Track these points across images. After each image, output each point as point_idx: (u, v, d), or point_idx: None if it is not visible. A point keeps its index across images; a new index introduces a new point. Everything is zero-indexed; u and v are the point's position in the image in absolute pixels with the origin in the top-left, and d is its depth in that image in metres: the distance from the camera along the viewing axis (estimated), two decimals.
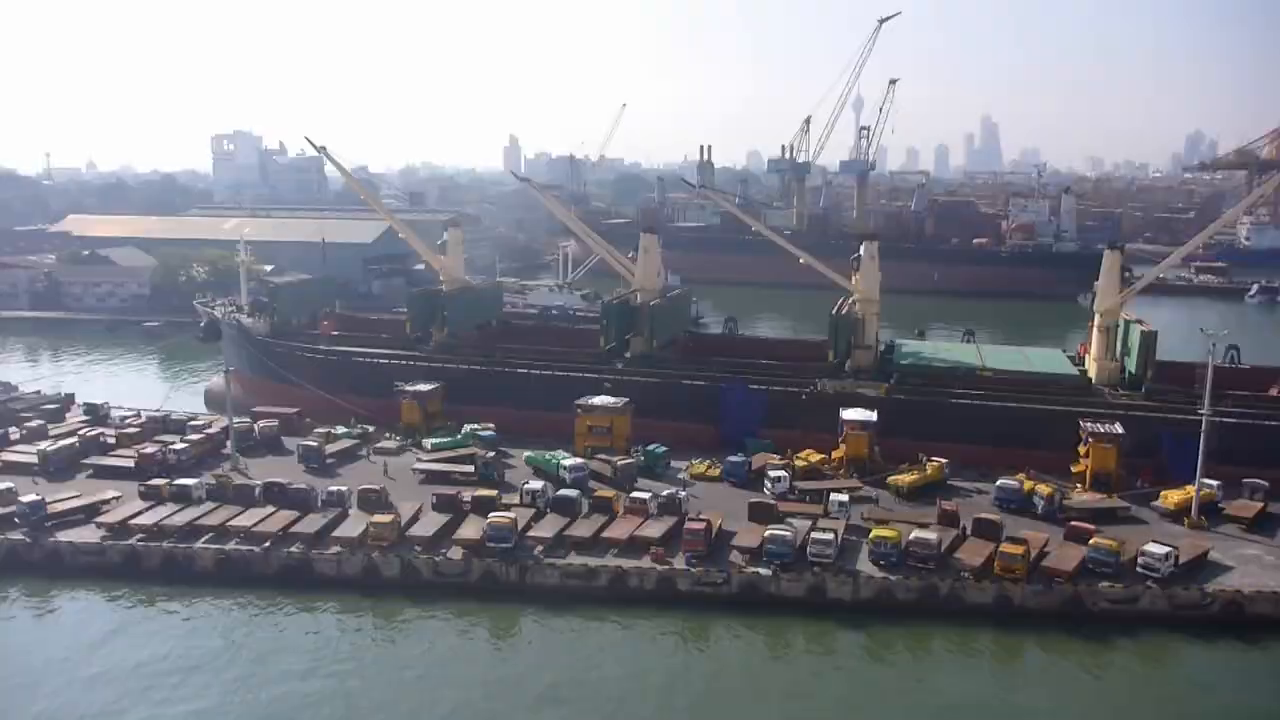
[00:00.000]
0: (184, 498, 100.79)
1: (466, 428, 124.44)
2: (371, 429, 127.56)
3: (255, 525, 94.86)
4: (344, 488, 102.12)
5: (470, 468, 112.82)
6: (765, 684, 77.22)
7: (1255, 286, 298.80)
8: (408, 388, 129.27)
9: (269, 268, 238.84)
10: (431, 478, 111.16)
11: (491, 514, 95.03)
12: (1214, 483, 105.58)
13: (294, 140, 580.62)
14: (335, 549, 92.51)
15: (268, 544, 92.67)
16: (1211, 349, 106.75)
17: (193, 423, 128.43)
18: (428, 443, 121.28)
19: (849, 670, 79.19)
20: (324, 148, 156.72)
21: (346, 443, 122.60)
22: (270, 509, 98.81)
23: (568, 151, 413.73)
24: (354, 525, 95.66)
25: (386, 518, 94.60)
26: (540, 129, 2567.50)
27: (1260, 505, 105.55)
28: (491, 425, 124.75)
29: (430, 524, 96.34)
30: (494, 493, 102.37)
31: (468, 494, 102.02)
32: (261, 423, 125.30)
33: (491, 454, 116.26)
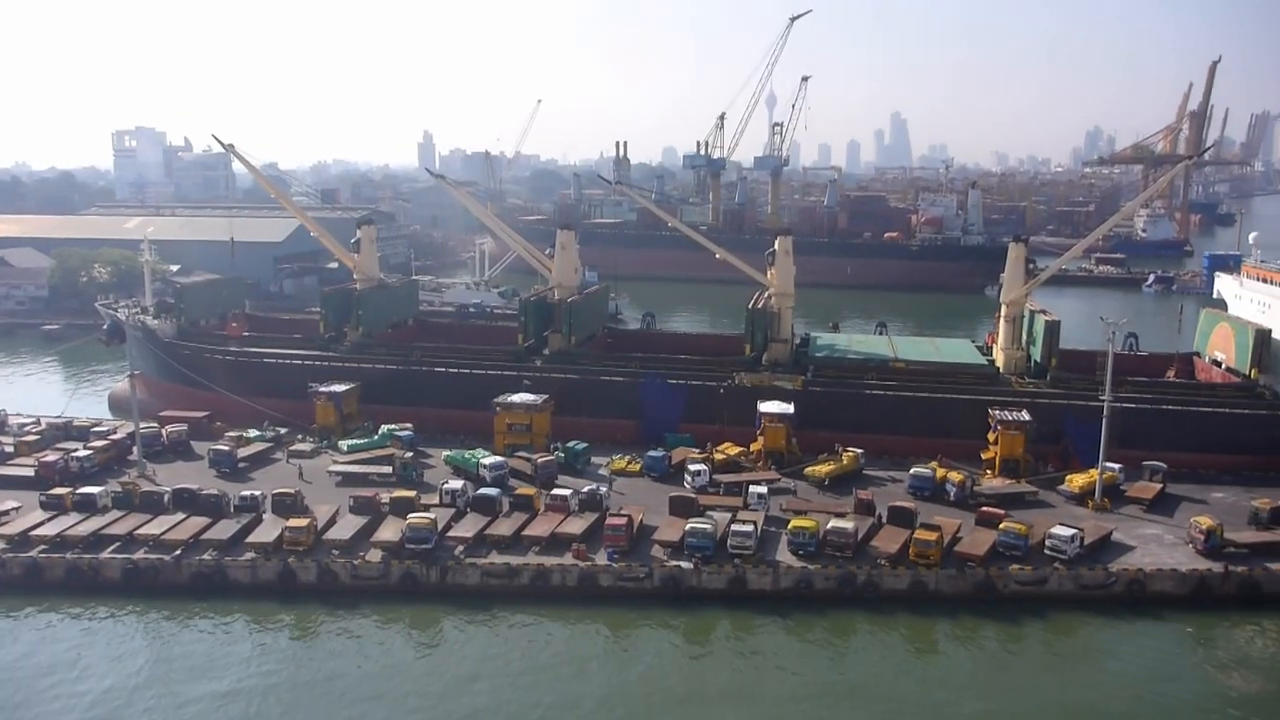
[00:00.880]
0: (88, 507, 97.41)
1: (384, 428, 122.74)
2: (285, 431, 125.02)
3: (164, 533, 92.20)
4: (257, 492, 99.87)
5: (388, 469, 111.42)
6: (689, 677, 77.75)
7: (1152, 277, 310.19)
8: (322, 389, 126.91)
9: (175, 268, 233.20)
10: (348, 480, 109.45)
11: (410, 515, 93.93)
12: (1116, 466, 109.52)
13: (200, 136, 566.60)
14: (249, 555, 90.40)
15: (178, 552, 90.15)
16: (1111, 337, 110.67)
17: (96, 429, 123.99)
18: (344, 444, 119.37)
19: (770, 660, 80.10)
20: (231, 145, 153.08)
21: (259, 446, 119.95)
22: (180, 516, 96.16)
23: (483, 148, 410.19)
24: (269, 530, 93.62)
25: (302, 522, 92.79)
26: (455, 125, 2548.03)
27: (1159, 486, 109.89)
28: (409, 425, 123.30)
29: (348, 527, 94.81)
30: (413, 493, 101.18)
31: (386, 495, 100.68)
32: (169, 427, 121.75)
33: (410, 454, 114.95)
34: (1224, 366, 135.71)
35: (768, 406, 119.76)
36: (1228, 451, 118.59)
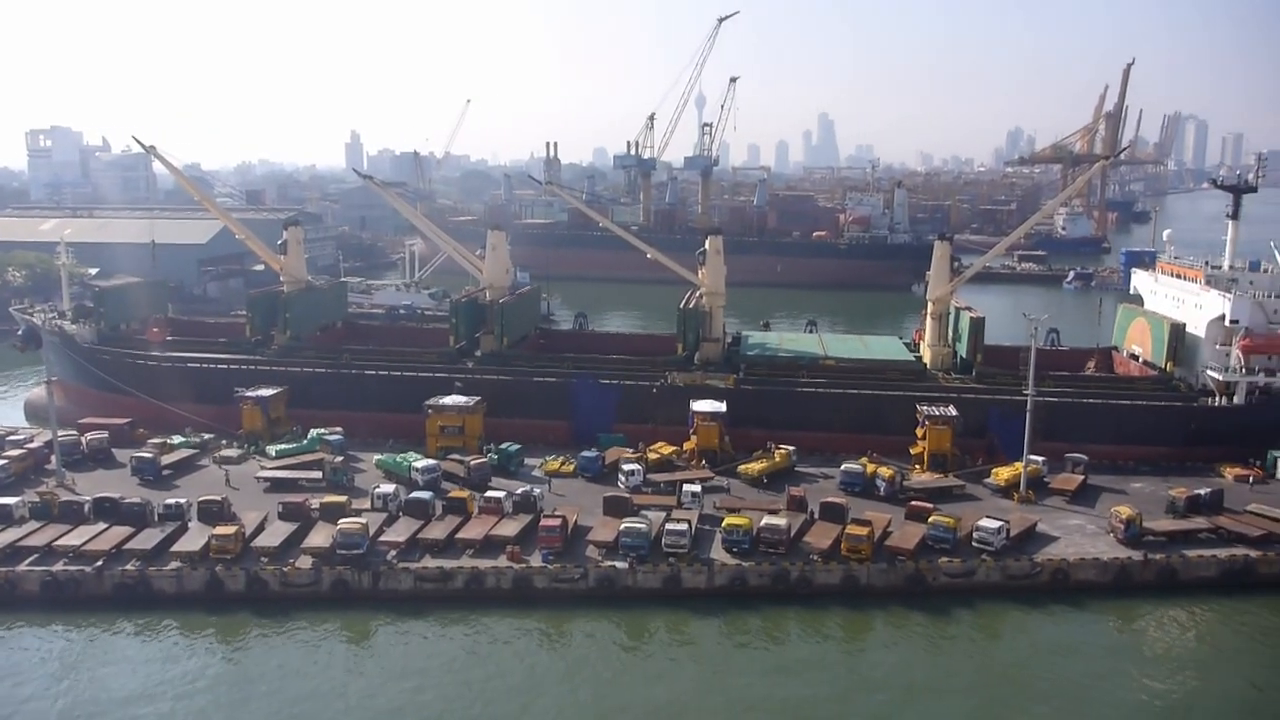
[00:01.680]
0: (4, 518, 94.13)
1: (313, 432, 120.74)
2: (211, 437, 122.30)
3: (85, 544, 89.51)
4: (182, 500, 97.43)
5: (318, 473, 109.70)
6: (626, 675, 77.82)
7: (1071, 273, 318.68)
8: (249, 393, 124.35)
9: (93, 271, 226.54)
10: (277, 486, 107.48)
11: (341, 520, 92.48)
12: (1039, 459, 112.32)
13: (119, 136, 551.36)
14: (175, 565, 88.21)
15: (100, 563, 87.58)
16: (1034, 333, 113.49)
17: (11, 437, 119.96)
18: (272, 449, 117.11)
19: (707, 657, 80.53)
20: (153, 147, 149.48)
21: (184, 453, 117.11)
22: (102, 526, 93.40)
23: (412, 148, 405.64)
24: (194, 539, 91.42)
25: (229, 529, 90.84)
26: (383, 125, 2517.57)
27: (1081, 478, 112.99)
28: (339, 429, 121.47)
29: (277, 534, 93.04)
30: (343, 498, 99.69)
31: (316, 501, 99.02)
32: (89, 435, 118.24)
33: (340, 458, 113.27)
34: (1141, 360, 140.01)
35: (700, 405, 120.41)
36: (1146, 443, 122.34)
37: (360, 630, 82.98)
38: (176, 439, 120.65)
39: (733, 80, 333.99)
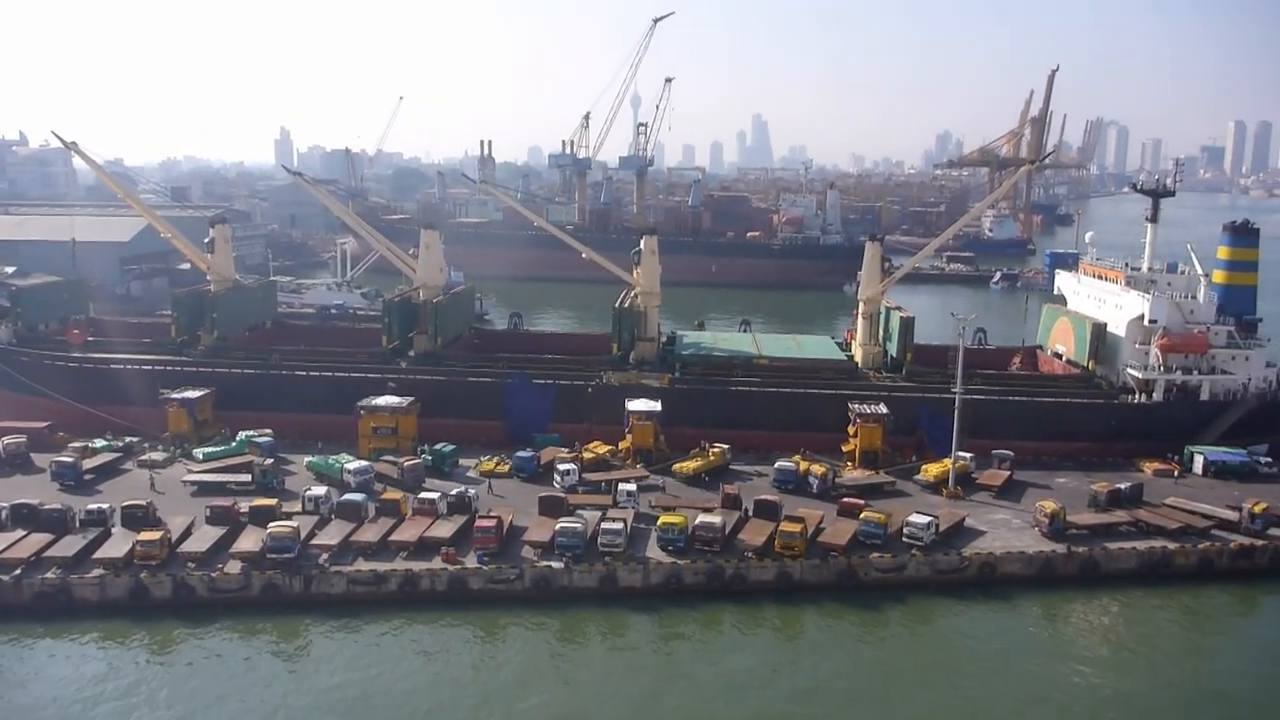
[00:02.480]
0: None
1: (242, 435, 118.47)
2: (135, 441, 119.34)
3: (3, 552, 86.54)
4: (105, 505, 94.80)
5: (247, 476, 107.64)
6: (560, 674, 77.68)
7: (998, 274, 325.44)
8: (174, 395, 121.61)
9: (10, 269, 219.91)
10: (204, 489, 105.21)
11: (271, 524, 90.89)
12: (967, 455, 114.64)
13: (37, 130, 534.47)
14: (98, 572, 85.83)
15: (18, 571, 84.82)
16: (961, 332, 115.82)
17: None
18: (199, 452, 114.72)
19: (642, 655, 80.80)
20: (74, 143, 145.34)
21: (107, 456, 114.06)
22: (20, 533, 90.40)
23: (343, 145, 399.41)
24: (118, 545, 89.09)
25: (155, 534, 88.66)
26: (313, 121, 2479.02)
27: (1007, 473, 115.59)
28: (269, 431, 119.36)
29: (204, 538, 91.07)
30: (273, 501, 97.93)
31: (245, 504, 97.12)
32: (6, 439, 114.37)
33: (269, 461, 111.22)
34: (1064, 359, 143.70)
35: (635, 404, 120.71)
36: (1069, 439, 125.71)
37: (292, 635, 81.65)
38: (99, 443, 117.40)
39: (668, 81, 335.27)
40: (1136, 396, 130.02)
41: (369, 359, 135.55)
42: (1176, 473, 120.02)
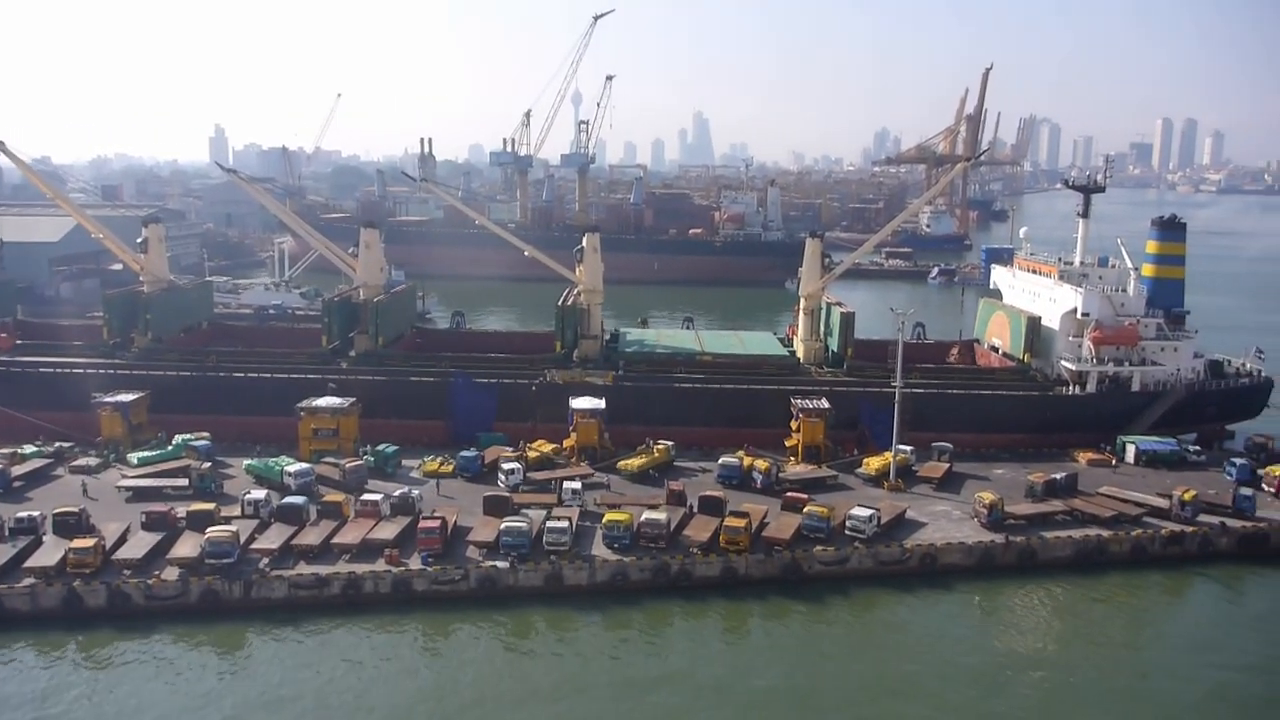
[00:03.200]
0: None
1: (178, 438, 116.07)
2: (67, 446, 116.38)
3: None
4: (36, 513, 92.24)
5: (183, 481, 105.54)
6: (508, 674, 77.38)
7: (936, 269, 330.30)
8: (107, 399, 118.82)
9: None
10: (139, 495, 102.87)
11: (210, 529, 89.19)
12: (908, 448, 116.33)
13: None
14: (29, 581, 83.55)
15: None
16: (901, 327, 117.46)
17: None
18: (133, 457, 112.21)
19: (589, 652, 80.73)
20: (1, 142, 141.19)
21: (37, 463, 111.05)
22: None
23: (280, 143, 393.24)
24: (50, 553, 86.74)
25: (88, 542, 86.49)
26: (249, 119, 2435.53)
27: (947, 466, 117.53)
28: (206, 434, 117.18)
29: (140, 545, 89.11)
30: (211, 506, 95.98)
31: (182, 509, 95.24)
32: None
33: (207, 464, 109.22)
34: (1001, 352, 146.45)
35: (579, 402, 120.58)
36: (1006, 431, 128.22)
37: (233, 642, 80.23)
38: (28, 449, 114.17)
39: (609, 78, 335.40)
40: (1070, 388, 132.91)
41: (309, 360, 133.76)
42: (1114, 463, 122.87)
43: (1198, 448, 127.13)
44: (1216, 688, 77.99)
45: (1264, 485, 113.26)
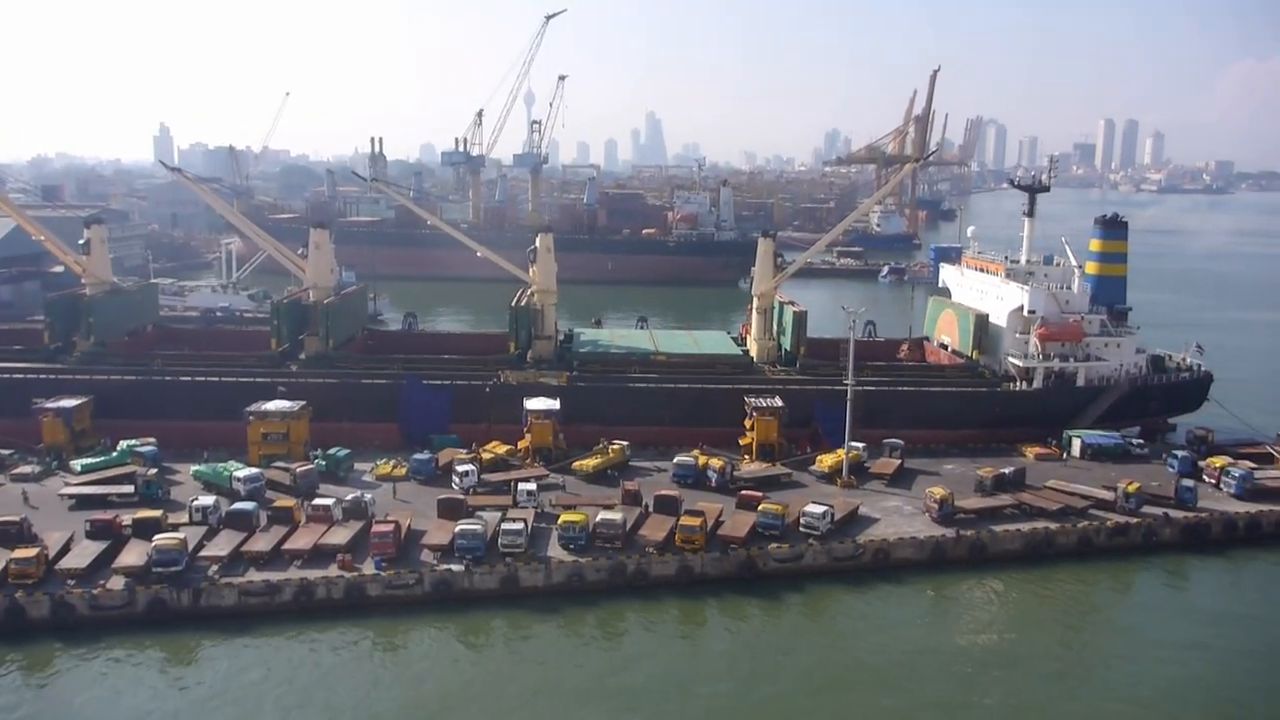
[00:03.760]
0: None
1: (123, 444, 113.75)
2: (7, 453, 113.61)
3: None
4: None
5: (129, 488, 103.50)
6: (463, 678, 76.93)
7: (886, 268, 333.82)
8: (49, 404, 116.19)
9: None
10: (83, 502, 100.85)
11: (157, 536, 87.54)
12: (860, 445, 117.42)
13: None
14: None
15: None
16: (852, 325, 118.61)
17: None
18: (76, 464, 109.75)
19: (546, 654, 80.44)
20: None
21: None
22: None
23: (227, 142, 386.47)
24: None
25: (29, 552, 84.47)
26: (195, 118, 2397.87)
27: (898, 462, 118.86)
28: (153, 440, 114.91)
29: (84, 554, 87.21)
30: (158, 513, 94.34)
31: (128, 517, 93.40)
32: None
33: (153, 471, 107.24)
34: (950, 349, 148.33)
35: (534, 403, 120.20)
36: (955, 427, 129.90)
37: (182, 652, 78.85)
38: None
39: (561, 78, 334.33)
40: (1018, 384, 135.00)
41: (258, 363, 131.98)
42: (1065, 456, 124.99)
43: (1141, 441, 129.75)
44: (1161, 670, 79.69)
45: (1205, 477, 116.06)
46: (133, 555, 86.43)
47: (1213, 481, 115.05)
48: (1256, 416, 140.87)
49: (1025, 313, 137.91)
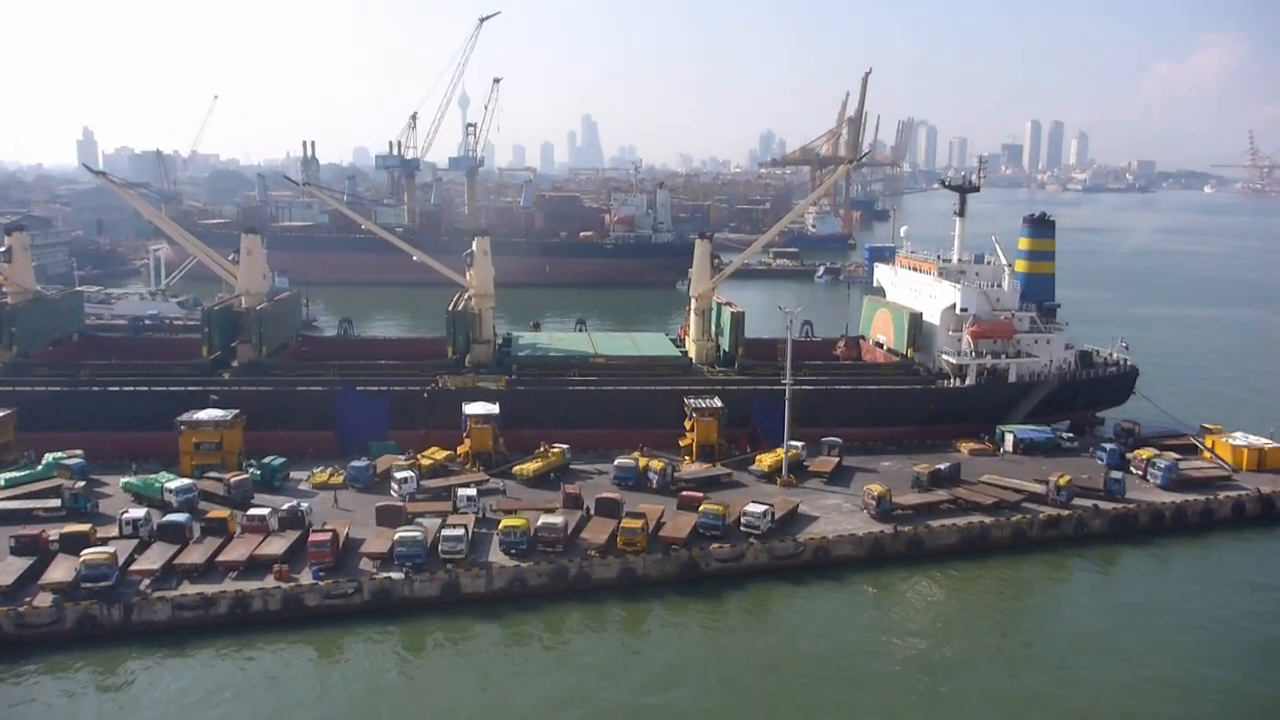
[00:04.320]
0: None
1: (49, 457, 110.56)
2: None
3: None
4: None
5: (56, 502, 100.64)
6: (406, 687, 76.06)
7: (822, 268, 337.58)
8: None
9: None
10: (7, 518, 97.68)
11: (85, 551, 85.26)
12: (799, 444, 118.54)
13: None
14: None
15: None
16: (789, 325, 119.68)
17: None
18: (0, 478, 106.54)
19: (489, 661, 79.92)
20: None
21: None
22: None
23: (154, 146, 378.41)
24: None
25: None
26: (120, 121, 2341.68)
27: (837, 460, 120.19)
28: (80, 452, 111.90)
29: (9, 570, 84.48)
30: (86, 527, 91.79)
31: (54, 532, 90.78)
32: None
33: (81, 484, 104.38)
34: (885, 348, 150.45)
35: (472, 408, 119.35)
36: (892, 424, 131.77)
37: (113, 669, 76.84)
38: None
39: (496, 81, 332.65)
40: (952, 381, 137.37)
41: (188, 371, 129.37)
42: (999, 451, 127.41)
43: (1071, 434, 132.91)
44: (1093, 654, 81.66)
45: (1132, 468, 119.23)
46: (60, 571, 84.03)
47: (1139, 473, 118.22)
48: (1180, 409, 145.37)
49: (958, 311, 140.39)
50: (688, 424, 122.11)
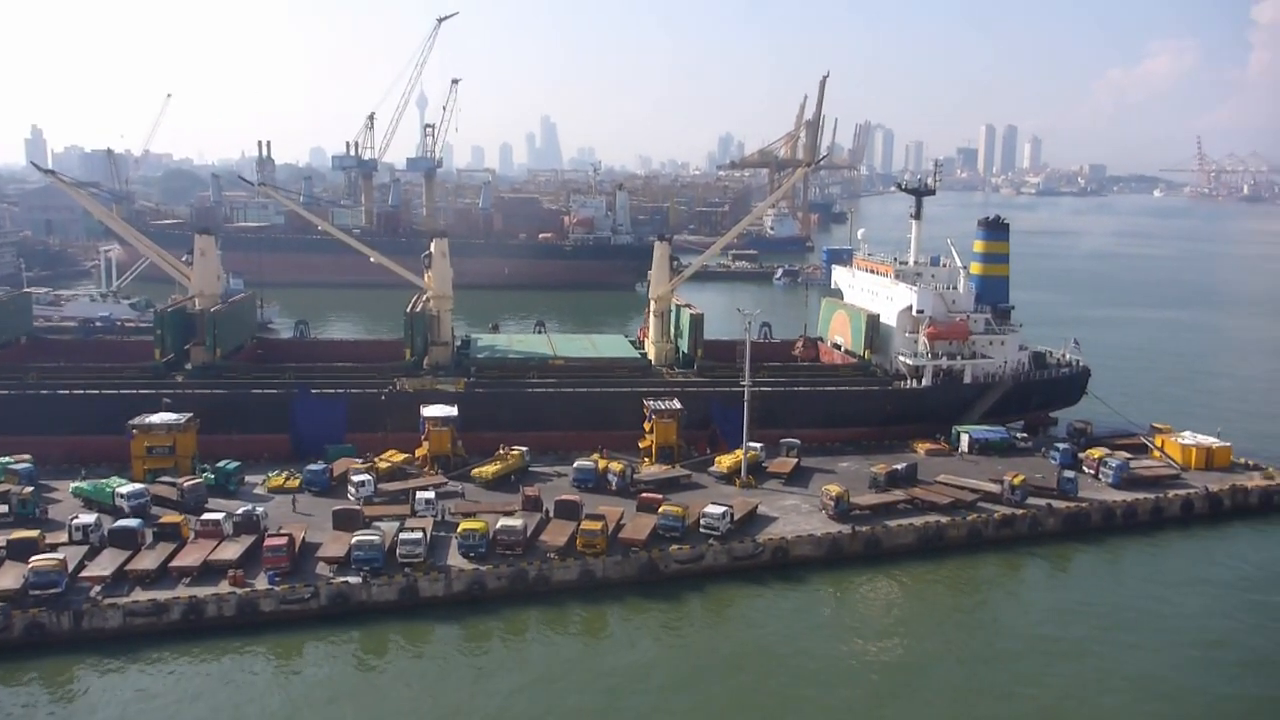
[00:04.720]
0: None
1: None
2: None
3: None
4: None
5: (3, 507, 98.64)
6: (364, 692, 75.41)
7: (780, 270, 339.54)
8: None
9: None
10: None
11: (34, 558, 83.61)
12: (758, 445, 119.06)
13: None
14: None
15: None
16: (748, 327, 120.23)
17: None
18: None
19: (448, 664, 79.49)
20: None
21: None
22: None
23: (105, 145, 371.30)
24: None
25: None
26: (70, 120, 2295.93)
27: (795, 461, 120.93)
28: (28, 457, 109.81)
29: None
30: (35, 533, 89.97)
31: (1, 538, 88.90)
32: None
33: (29, 489, 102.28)
34: (843, 349, 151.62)
35: (431, 410, 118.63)
36: (850, 425, 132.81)
37: (62, 678, 75.38)
38: None
39: (454, 82, 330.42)
40: (908, 382, 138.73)
41: (140, 374, 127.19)
42: (955, 451, 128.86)
43: (1025, 435, 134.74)
44: (1050, 649, 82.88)
45: (1084, 468, 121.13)
46: (7, 578, 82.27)
47: (1092, 472, 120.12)
48: (1131, 409, 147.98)
49: (914, 312, 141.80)
50: (647, 426, 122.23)
